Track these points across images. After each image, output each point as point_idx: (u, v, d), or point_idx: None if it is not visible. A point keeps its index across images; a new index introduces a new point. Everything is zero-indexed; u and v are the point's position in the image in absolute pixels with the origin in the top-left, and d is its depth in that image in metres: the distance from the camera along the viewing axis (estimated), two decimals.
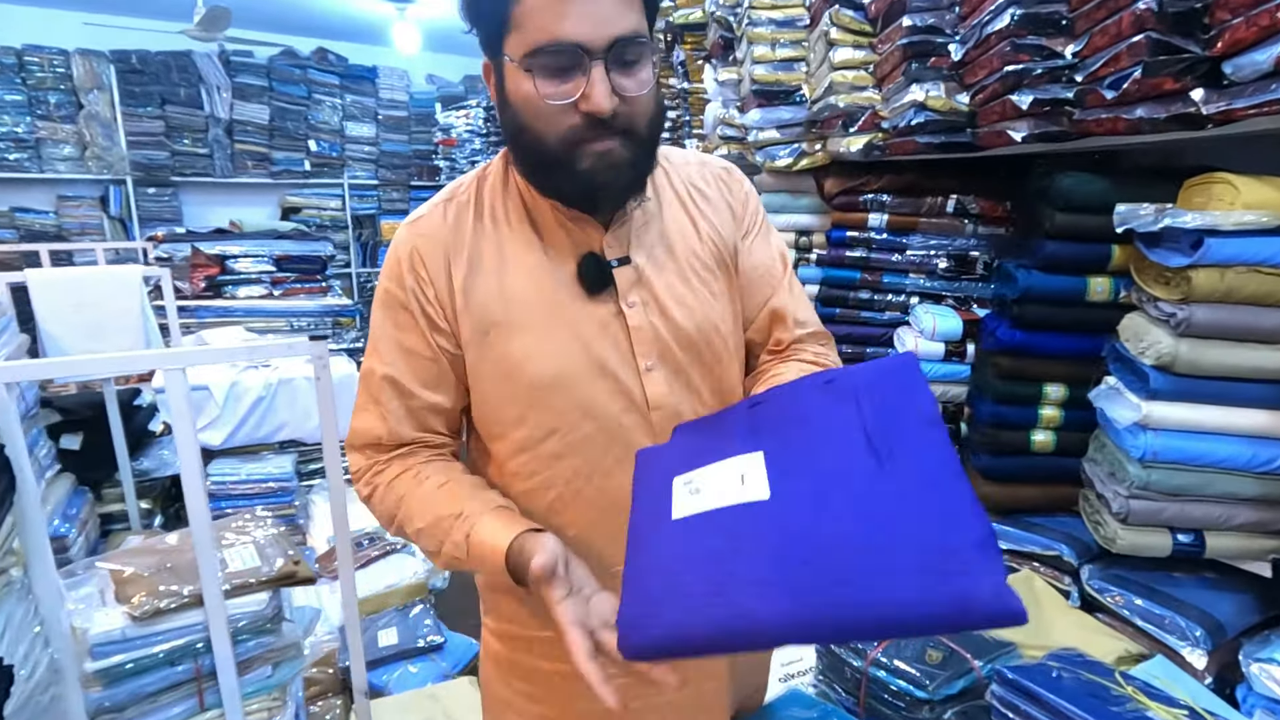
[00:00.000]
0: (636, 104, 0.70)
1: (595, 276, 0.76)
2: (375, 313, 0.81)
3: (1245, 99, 1.05)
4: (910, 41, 1.55)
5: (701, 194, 0.86)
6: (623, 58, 0.68)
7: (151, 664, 1.07)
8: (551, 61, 0.66)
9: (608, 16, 0.66)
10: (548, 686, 0.86)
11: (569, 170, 0.71)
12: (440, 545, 0.74)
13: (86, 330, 1.96)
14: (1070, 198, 1.39)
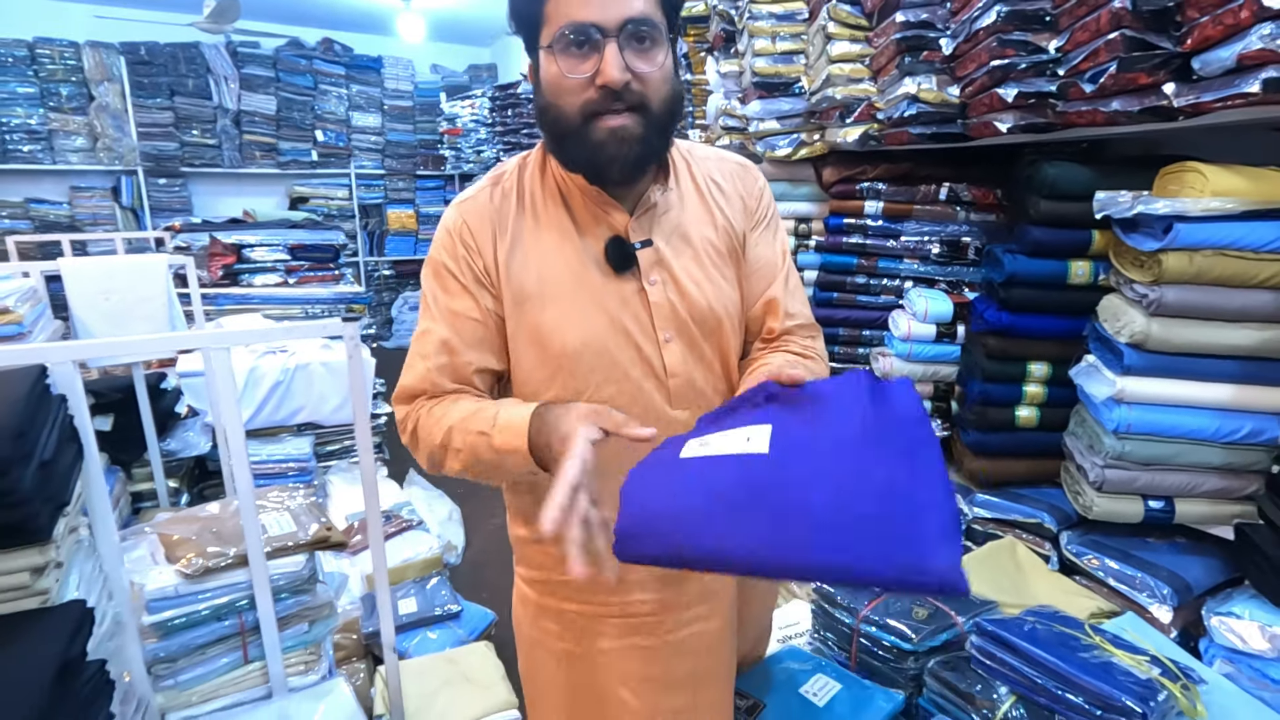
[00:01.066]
0: (649, 82, 0.77)
1: (620, 257, 0.85)
2: (427, 281, 0.89)
3: (1213, 93, 1.12)
4: (904, 36, 1.62)
5: (719, 186, 0.94)
6: (635, 36, 0.76)
7: (200, 619, 1.16)
8: (572, 41, 0.75)
9: (621, 1, 0.74)
10: (570, 625, 0.95)
11: (583, 140, 0.78)
12: (467, 434, 0.78)
13: (115, 317, 2.05)
14: (1054, 186, 1.47)
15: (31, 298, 1.89)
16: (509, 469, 0.77)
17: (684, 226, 0.90)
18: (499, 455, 0.76)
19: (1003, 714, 1.06)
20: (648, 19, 0.76)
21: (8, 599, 0.80)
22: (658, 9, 0.78)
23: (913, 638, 1.21)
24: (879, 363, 1.85)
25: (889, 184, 1.89)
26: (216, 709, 1.19)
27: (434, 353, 0.85)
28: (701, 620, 0.96)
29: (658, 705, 0.93)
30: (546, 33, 0.77)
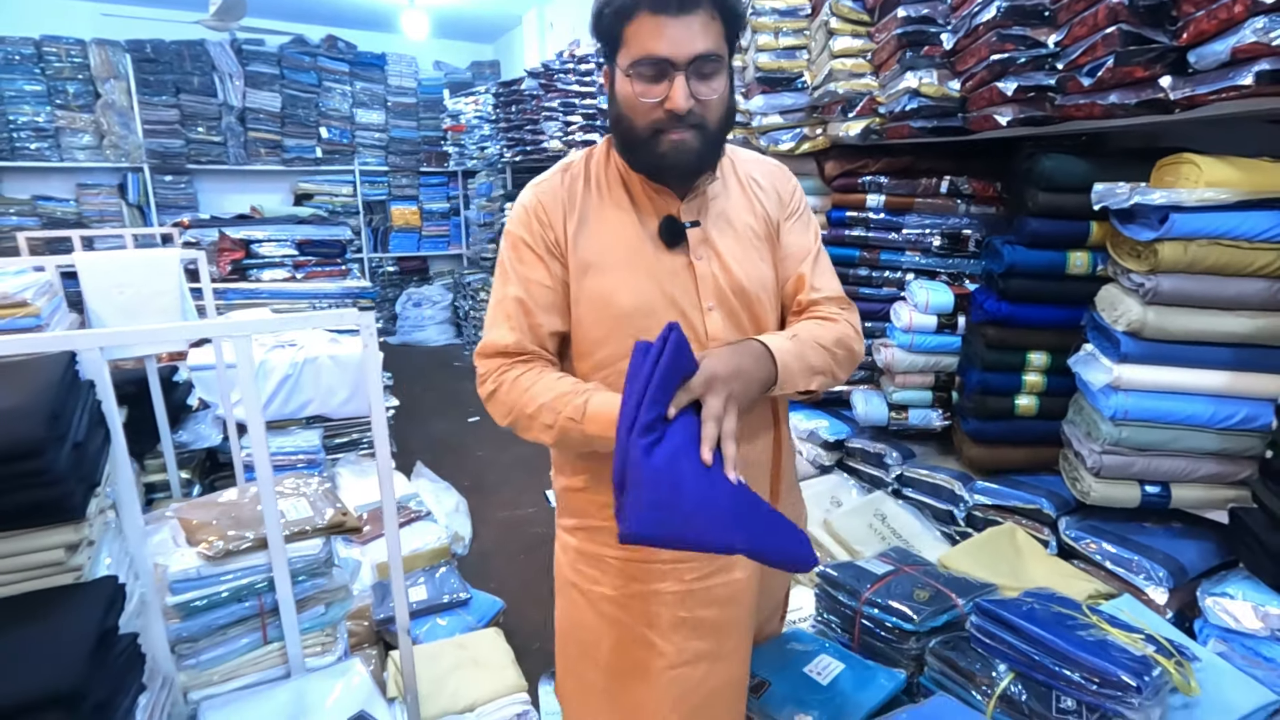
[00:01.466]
0: (708, 106, 0.91)
1: (671, 233, 0.97)
2: (505, 253, 1.01)
3: (1208, 85, 1.15)
4: (905, 31, 1.65)
5: (757, 183, 1.07)
6: (701, 70, 0.89)
7: (221, 600, 1.20)
8: (646, 71, 0.89)
9: (691, 39, 0.87)
10: (607, 569, 1.04)
11: (650, 151, 0.93)
12: (558, 415, 0.90)
13: (129, 310, 2.08)
14: (1052, 178, 1.49)
15: (48, 291, 1.93)
16: (596, 447, 0.90)
17: (728, 213, 1.03)
18: (588, 438, 0.89)
19: (1001, 690, 1.09)
20: (712, 54, 0.89)
21: (44, 575, 0.83)
22: (721, 43, 0.91)
23: (914, 618, 1.24)
24: (881, 353, 1.88)
25: (890, 177, 1.92)
26: (237, 688, 1.23)
27: (515, 314, 0.98)
28: (725, 571, 1.04)
29: (683, 647, 1.02)
30: (624, 55, 0.90)
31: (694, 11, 0.87)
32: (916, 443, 1.93)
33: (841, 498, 1.87)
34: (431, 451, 3.58)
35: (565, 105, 3.79)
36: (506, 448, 3.79)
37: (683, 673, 1.02)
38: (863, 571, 1.40)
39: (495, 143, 5.14)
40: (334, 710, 1.18)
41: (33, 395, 0.83)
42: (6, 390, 0.84)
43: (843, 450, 2.01)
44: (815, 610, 1.47)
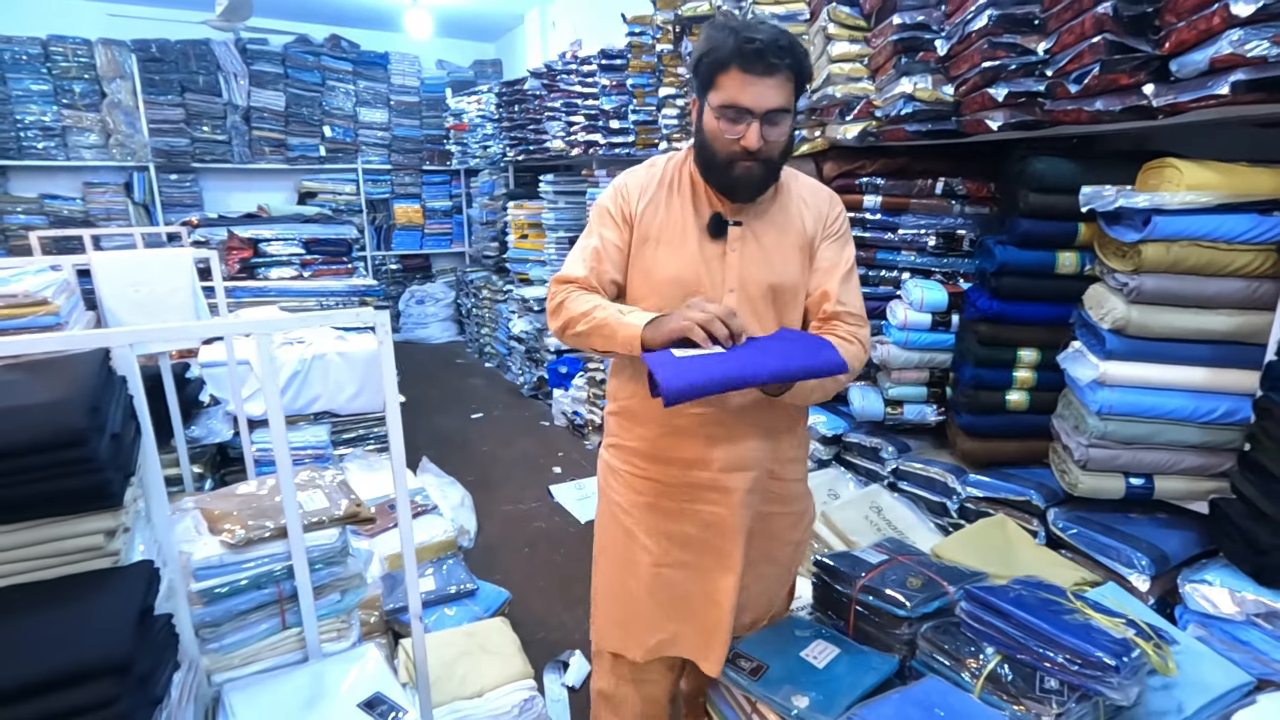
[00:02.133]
0: (774, 146, 1.15)
1: (716, 227, 1.21)
2: (594, 215, 1.28)
3: (1188, 93, 1.20)
4: (900, 37, 1.69)
5: (805, 201, 1.27)
6: (772, 119, 1.12)
7: (242, 587, 1.25)
8: (730, 114, 1.12)
9: (768, 96, 1.11)
10: (624, 482, 1.31)
11: (725, 175, 1.17)
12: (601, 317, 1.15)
13: (145, 308, 2.13)
14: (1042, 180, 1.54)
15: (66, 290, 1.98)
16: (619, 340, 1.12)
17: (771, 220, 1.24)
18: (614, 338, 1.13)
19: (989, 671, 1.15)
20: (783, 108, 1.13)
21: (84, 558, 0.88)
22: (791, 97, 1.14)
23: (906, 605, 1.29)
24: (877, 350, 1.93)
25: (887, 178, 1.97)
26: (257, 671, 1.28)
27: (589, 259, 1.23)
28: (713, 505, 1.26)
29: (667, 551, 1.29)
30: (714, 96, 1.13)
31: (775, 75, 1.10)
32: (911, 437, 1.98)
33: (839, 490, 1.92)
34: (437, 447, 3.64)
35: (568, 105, 3.83)
36: (510, 444, 3.85)
37: (663, 572, 1.29)
38: (858, 561, 1.45)
39: (498, 141, 5.18)
40: (350, 693, 1.23)
41: (75, 388, 0.88)
42: (49, 383, 0.90)
43: (840, 444, 2.07)
44: (812, 598, 1.52)
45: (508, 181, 5.36)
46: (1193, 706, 1.11)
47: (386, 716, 1.17)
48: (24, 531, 0.84)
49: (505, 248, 5.05)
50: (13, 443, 0.80)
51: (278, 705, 1.19)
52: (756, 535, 1.30)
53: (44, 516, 0.85)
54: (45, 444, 0.82)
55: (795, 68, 1.12)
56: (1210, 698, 1.12)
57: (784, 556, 1.40)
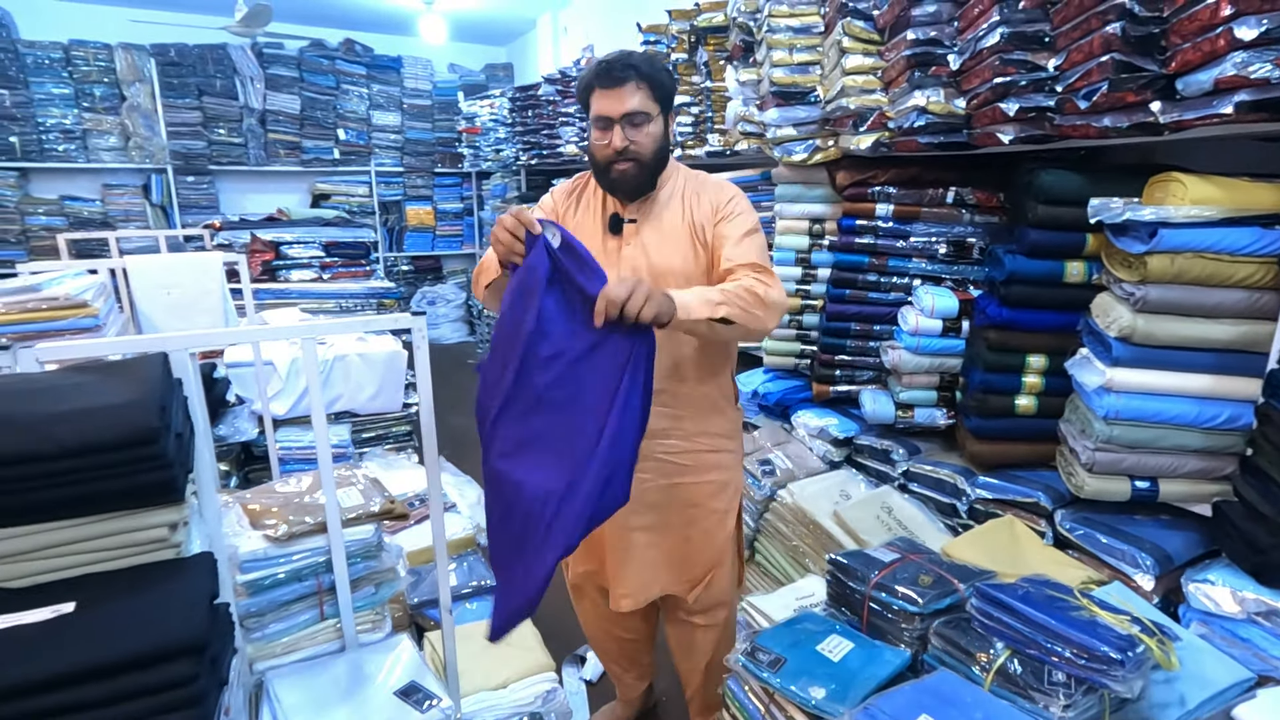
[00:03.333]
0: (640, 146, 1.37)
1: (613, 225, 1.46)
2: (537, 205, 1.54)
3: (1193, 111, 1.25)
4: (914, 52, 1.74)
5: (698, 196, 1.47)
6: (632, 121, 1.36)
7: (284, 579, 1.31)
8: (598, 123, 1.39)
9: (621, 102, 1.35)
10: None
11: (606, 177, 1.43)
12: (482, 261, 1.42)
13: (177, 310, 2.20)
14: (1051, 192, 1.59)
15: (103, 293, 2.05)
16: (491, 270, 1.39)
17: (662, 216, 1.46)
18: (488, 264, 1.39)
19: (999, 665, 1.20)
20: (639, 111, 1.36)
21: (151, 550, 0.94)
22: (650, 102, 1.37)
23: (919, 601, 1.34)
24: (888, 355, 1.99)
25: (899, 188, 2.02)
26: (297, 660, 1.34)
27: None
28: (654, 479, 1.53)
29: (629, 518, 1.50)
30: (591, 114, 1.40)
31: (625, 84, 1.34)
32: (921, 440, 2.03)
33: (850, 491, 1.98)
34: (451, 446, 3.70)
35: (581, 112, 3.89)
36: None
37: (625, 535, 1.54)
38: (871, 559, 1.50)
39: (511, 145, 5.24)
40: (386, 681, 1.29)
41: (145, 390, 0.94)
42: (119, 385, 0.96)
43: (851, 447, 2.12)
44: (825, 596, 1.57)
45: (520, 185, 5.42)
46: (1195, 700, 1.16)
47: (422, 704, 1.23)
48: (101, 524, 0.90)
49: None
50: (98, 441, 0.86)
51: (318, 692, 1.25)
52: (672, 502, 1.53)
53: (118, 510, 0.91)
54: (124, 442, 0.88)
55: (644, 76, 1.35)
56: (1212, 692, 1.17)
57: (710, 524, 1.58)
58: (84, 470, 0.86)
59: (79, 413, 0.88)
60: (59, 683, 0.73)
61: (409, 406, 3.22)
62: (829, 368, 2.15)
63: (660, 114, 1.39)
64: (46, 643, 0.76)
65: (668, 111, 1.43)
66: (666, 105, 1.41)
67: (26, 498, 0.85)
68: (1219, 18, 1.16)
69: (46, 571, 0.89)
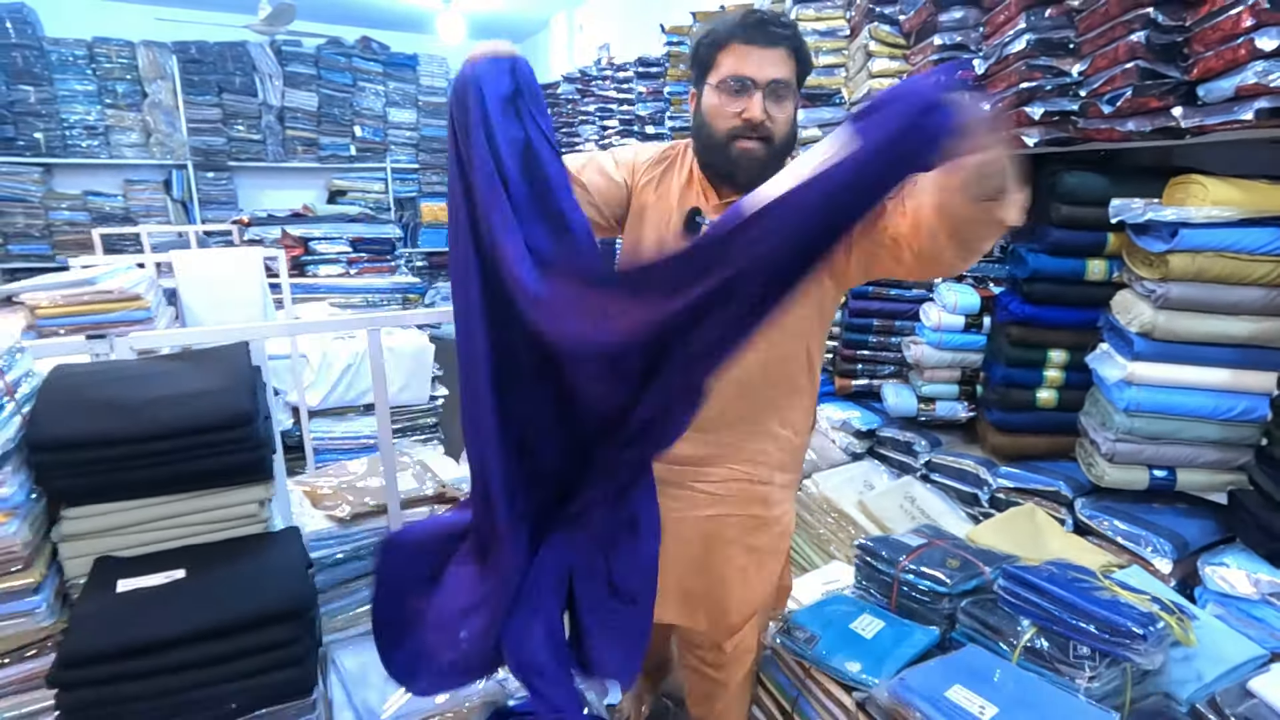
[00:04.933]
0: (777, 123, 1.11)
1: (688, 223, 1.18)
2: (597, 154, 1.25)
3: (1215, 117, 1.31)
4: (940, 57, 1.81)
5: None
6: (776, 92, 1.09)
7: (346, 557, 1.39)
8: (732, 85, 1.09)
9: (771, 66, 1.08)
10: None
11: (724, 155, 1.12)
12: None
13: (218, 304, 2.27)
14: (1073, 193, 1.65)
15: (153, 286, 2.12)
16: None
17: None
18: None
19: (1025, 642, 1.27)
20: (786, 81, 1.11)
21: (244, 524, 1.02)
22: (793, 74, 1.12)
23: (948, 583, 1.41)
24: (910, 350, 2.05)
25: None
26: (355, 634, 1.42)
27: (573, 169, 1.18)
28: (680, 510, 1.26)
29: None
30: (714, 75, 1.12)
31: (776, 47, 1.09)
32: (943, 432, 2.09)
33: (874, 481, 2.04)
34: None
35: (602, 110, 3.96)
36: None
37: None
38: (899, 544, 1.57)
39: None
40: None
41: (236, 377, 1.02)
42: (211, 372, 1.03)
43: (874, 439, 2.18)
44: (855, 579, 1.64)
45: None
46: (1211, 675, 1.22)
47: None
48: (199, 499, 0.98)
49: None
50: (197, 423, 0.93)
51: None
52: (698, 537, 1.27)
53: (214, 487, 0.99)
54: (221, 424, 0.95)
55: (796, 45, 1.11)
56: (1228, 667, 1.23)
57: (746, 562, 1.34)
58: (184, 450, 0.94)
59: (178, 397, 0.96)
60: (183, 640, 0.80)
61: (435, 399, 3.30)
62: (851, 362, 2.22)
63: (797, 95, 1.15)
64: (167, 605, 0.84)
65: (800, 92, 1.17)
66: (802, 84, 1.16)
67: (133, 475, 0.93)
68: (1241, 28, 1.22)
69: (152, 543, 0.96)
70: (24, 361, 0.99)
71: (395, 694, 1.22)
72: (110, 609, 0.81)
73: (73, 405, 0.89)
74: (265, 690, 0.84)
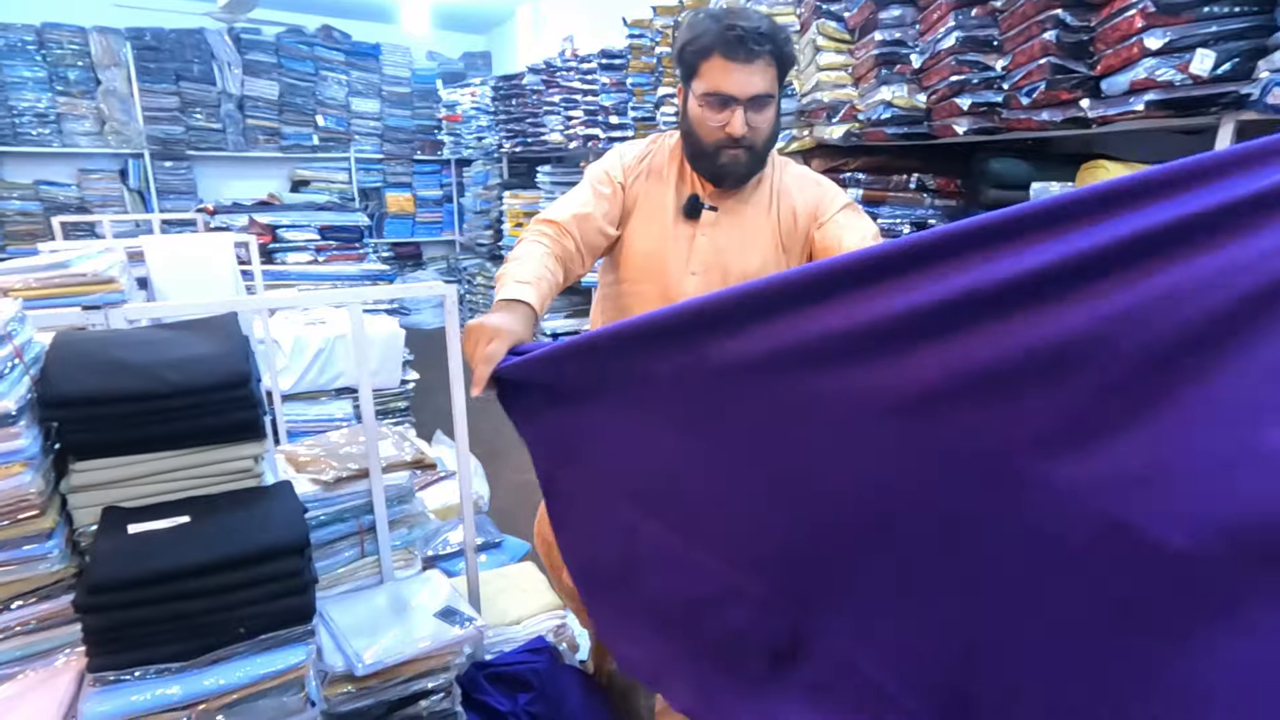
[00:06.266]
0: (759, 133, 1.19)
1: (690, 208, 1.27)
2: (589, 176, 1.31)
3: (1115, 108, 1.47)
4: (880, 52, 1.95)
5: (794, 196, 1.30)
6: (756, 106, 1.16)
7: (330, 519, 1.47)
8: (714, 101, 1.16)
9: (751, 82, 1.14)
10: None
11: (711, 162, 1.22)
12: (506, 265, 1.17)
13: (191, 288, 2.31)
14: (999, 177, 1.81)
15: (126, 270, 2.16)
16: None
17: (747, 210, 1.28)
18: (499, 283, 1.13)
19: None
20: (767, 94, 1.17)
21: (240, 478, 1.10)
22: (774, 84, 1.18)
23: None
24: None
25: (868, 174, 2.23)
26: (342, 591, 1.51)
27: (578, 209, 1.26)
28: None
29: None
30: (698, 84, 1.18)
31: (756, 60, 1.13)
32: None
33: None
34: (445, 424, 3.81)
35: (567, 101, 4.04)
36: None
37: None
38: None
39: (494, 133, 5.35)
40: (426, 605, 1.46)
41: (232, 343, 1.10)
42: (209, 339, 1.11)
43: None
44: None
45: (502, 172, 5.54)
46: None
47: (461, 623, 1.41)
48: (200, 454, 1.06)
49: (500, 235, 5.24)
50: (200, 383, 1.01)
51: (367, 615, 1.42)
52: None
53: (213, 443, 1.07)
54: (221, 384, 1.03)
55: (776, 54, 1.14)
56: None
57: None
58: (189, 408, 1.02)
59: (183, 360, 1.04)
60: (195, 571, 0.89)
61: (406, 383, 3.37)
62: None
63: (779, 94, 1.20)
64: (178, 542, 0.93)
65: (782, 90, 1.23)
66: (782, 83, 1.21)
67: (142, 430, 1.01)
68: (1134, 29, 1.38)
69: (155, 494, 1.04)
70: (27, 328, 1.07)
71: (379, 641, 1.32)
72: (126, 546, 0.90)
73: (82, 366, 0.97)
74: (270, 617, 0.93)
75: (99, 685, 0.85)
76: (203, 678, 0.89)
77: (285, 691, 0.95)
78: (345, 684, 1.28)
